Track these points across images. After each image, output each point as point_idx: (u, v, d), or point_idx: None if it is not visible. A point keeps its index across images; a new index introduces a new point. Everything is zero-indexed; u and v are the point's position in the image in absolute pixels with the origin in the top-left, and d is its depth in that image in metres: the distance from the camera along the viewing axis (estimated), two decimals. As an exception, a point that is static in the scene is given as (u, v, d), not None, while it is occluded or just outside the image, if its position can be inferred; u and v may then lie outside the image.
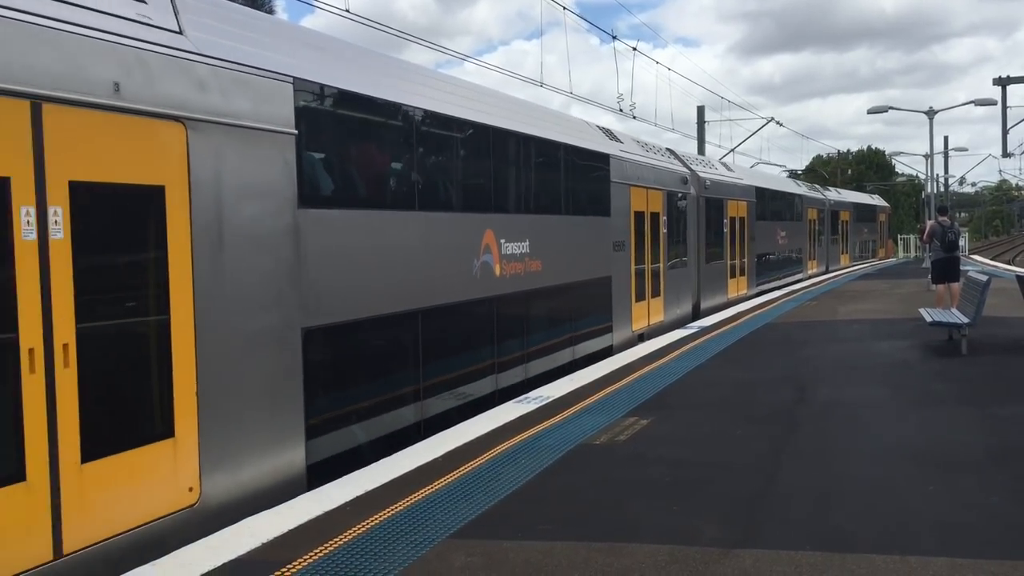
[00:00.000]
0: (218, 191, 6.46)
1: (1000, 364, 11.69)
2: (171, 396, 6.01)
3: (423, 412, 9.20)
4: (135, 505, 5.68)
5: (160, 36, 6.09)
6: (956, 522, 5.66)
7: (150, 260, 5.94)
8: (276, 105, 7.10)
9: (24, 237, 5.04)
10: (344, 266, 7.88)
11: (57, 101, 5.24)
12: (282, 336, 7.07)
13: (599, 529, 5.69)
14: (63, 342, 5.23)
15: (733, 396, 10.03)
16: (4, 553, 4.86)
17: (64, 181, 5.29)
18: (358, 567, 5.12)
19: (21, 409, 5.00)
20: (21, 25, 5.07)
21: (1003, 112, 30.48)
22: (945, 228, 17.65)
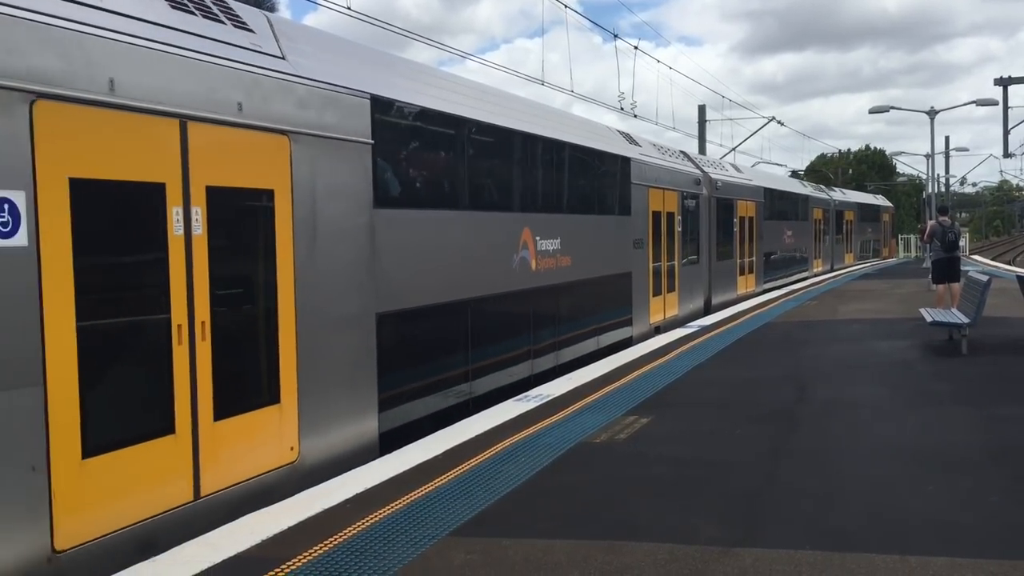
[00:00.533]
0: (312, 193, 7.51)
1: (1000, 364, 11.69)
2: (278, 368, 7.09)
3: (471, 391, 10.28)
4: (252, 459, 6.73)
5: (268, 62, 7.18)
6: (956, 522, 5.66)
7: (265, 252, 7.04)
8: (357, 119, 8.18)
9: (175, 233, 6.14)
10: (409, 259, 8.99)
11: (198, 119, 6.29)
12: (361, 320, 8.17)
13: (599, 527, 5.69)
14: (201, 320, 6.31)
15: (733, 395, 10.03)
16: (158, 493, 5.92)
17: (203, 186, 6.37)
18: (358, 564, 5.12)
19: (171, 374, 6.07)
20: (174, 57, 6.14)
21: (1004, 112, 30.46)
22: (945, 228, 17.65)
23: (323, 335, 7.58)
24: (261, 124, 6.93)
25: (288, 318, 7.18)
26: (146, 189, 5.97)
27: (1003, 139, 31.33)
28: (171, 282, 6.07)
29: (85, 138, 5.50)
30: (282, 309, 7.13)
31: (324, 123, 7.69)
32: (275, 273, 7.07)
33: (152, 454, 5.89)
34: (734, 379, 11.04)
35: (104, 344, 5.62)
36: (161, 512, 5.90)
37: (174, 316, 6.09)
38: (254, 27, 7.35)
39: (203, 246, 6.33)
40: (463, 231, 10.17)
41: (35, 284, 5.16)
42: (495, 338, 10.95)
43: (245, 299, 6.86)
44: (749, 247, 25.32)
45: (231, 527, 5.83)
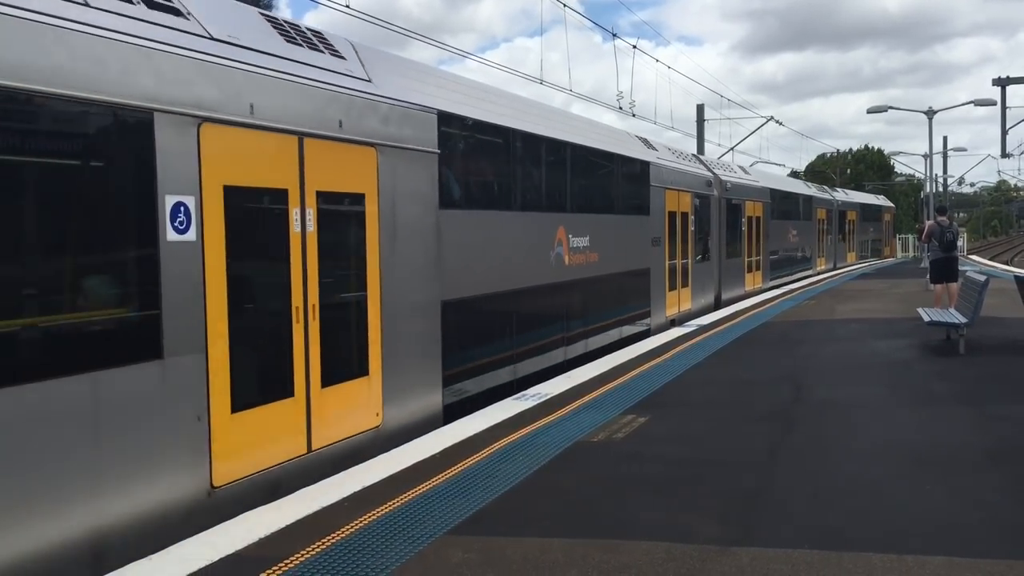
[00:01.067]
0: (393, 197, 8.71)
1: (998, 364, 11.70)
2: (367, 346, 8.31)
3: (516, 373, 11.47)
4: (348, 422, 7.96)
5: (359, 84, 8.38)
6: (953, 521, 5.67)
7: (357, 247, 8.24)
8: (426, 131, 9.38)
9: (295, 230, 7.35)
10: (466, 253, 10.19)
11: (311, 136, 7.51)
12: (429, 307, 9.42)
13: (596, 526, 5.70)
14: (312, 303, 7.49)
15: (730, 395, 10.04)
16: (281, 445, 7.10)
17: (314, 191, 7.57)
18: (356, 563, 5.12)
19: (292, 348, 7.29)
20: (293, 84, 7.36)
21: (1002, 112, 30.49)
22: (944, 228, 17.65)
23: (401, 319, 8.83)
24: (355, 138, 8.17)
25: (375, 303, 8.46)
26: (275, 194, 7.21)
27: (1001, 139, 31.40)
28: (292, 271, 7.33)
29: (233, 153, 6.72)
30: (370, 295, 8.40)
31: (402, 136, 8.93)
32: (365, 264, 8.34)
33: (278, 413, 7.13)
34: (731, 379, 11.05)
35: (246, 320, 6.79)
36: (283, 461, 7.11)
37: (294, 300, 7.35)
38: (345, 54, 8.61)
39: (314, 242, 7.57)
40: (509, 229, 11.46)
41: (200, 271, 6.35)
42: (535, 326, 12.14)
43: (343, 286, 8.07)
44: (756, 246, 26.33)
45: (230, 524, 5.83)
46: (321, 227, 7.62)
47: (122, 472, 5.72)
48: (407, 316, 8.94)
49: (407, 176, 8.98)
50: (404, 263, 8.90)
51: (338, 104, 7.95)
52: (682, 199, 19.12)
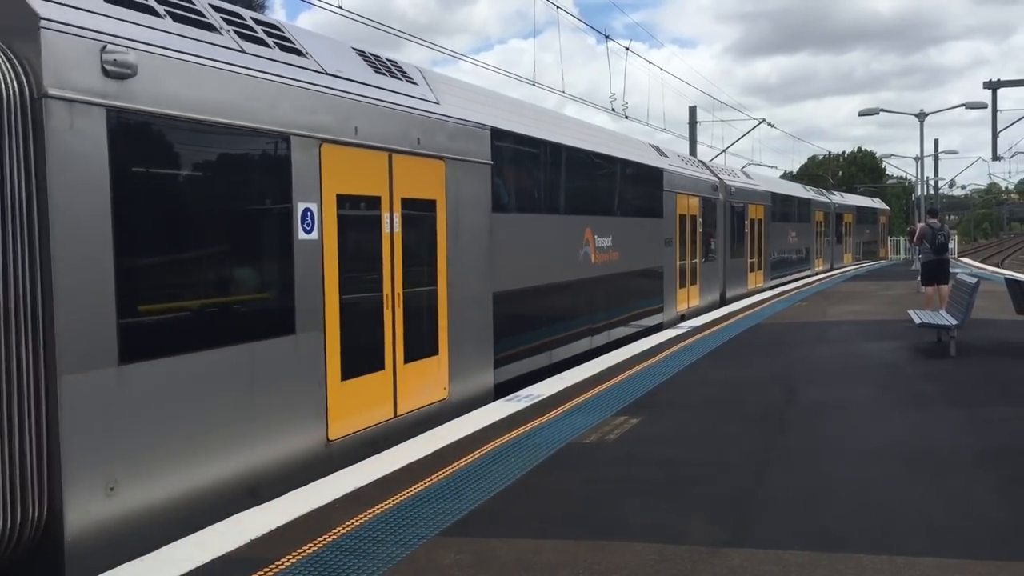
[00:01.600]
0: (457, 202, 10.13)
1: (988, 366, 11.74)
2: (437, 329, 9.79)
3: (551, 358, 12.87)
4: (423, 394, 9.44)
5: (430, 107, 9.81)
6: (943, 522, 5.69)
7: (429, 245, 9.65)
8: (481, 145, 10.79)
9: (386, 231, 8.83)
10: (512, 251, 11.58)
11: (397, 152, 8.96)
12: (484, 297, 10.85)
13: (588, 527, 5.70)
14: (397, 292, 8.97)
15: (722, 396, 10.05)
16: (375, 410, 8.58)
17: (399, 198, 9.05)
18: (346, 564, 5.11)
19: (383, 329, 8.76)
20: (384, 109, 8.82)
21: (993, 115, 30.60)
22: (935, 230, 17.71)
23: (462, 307, 10.24)
24: (429, 153, 9.59)
25: (443, 293, 9.89)
26: (371, 200, 8.64)
27: (992, 142, 31.49)
28: (383, 265, 8.81)
29: (343, 167, 8.15)
30: (440, 286, 9.84)
31: (463, 149, 10.33)
32: (435, 260, 9.77)
33: (373, 383, 8.61)
34: (724, 380, 11.06)
35: (351, 305, 8.21)
36: (376, 423, 8.59)
37: (384, 289, 8.81)
38: (417, 80, 10.03)
39: (399, 240, 9.03)
40: (547, 230, 12.89)
41: (320, 265, 7.81)
42: (566, 317, 13.57)
43: (420, 279, 9.48)
44: (758, 246, 27.81)
45: (220, 527, 5.81)
46: (404, 228, 9.13)
47: (269, 424, 7.16)
48: (467, 305, 10.41)
49: (467, 184, 10.44)
50: (465, 259, 10.37)
51: (416, 124, 9.41)
52: (691, 203, 20.56)
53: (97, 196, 5.73)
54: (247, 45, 7.27)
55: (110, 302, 5.81)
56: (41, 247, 5.44)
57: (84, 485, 5.57)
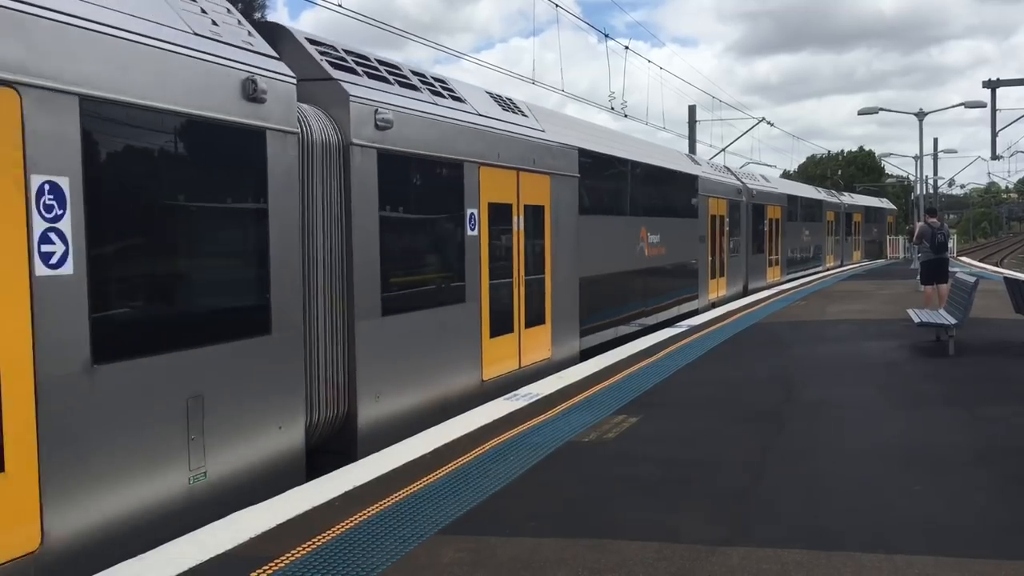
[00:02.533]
0: (557, 207, 13.11)
1: (986, 365, 11.75)
2: (544, 305, 12.72)
3: (616, 333, 15.81)
4: (535, 353, 12.43)
5: (538, 134, 12.70)
6: (941, 521, 5.70)
7: (540, 240, 12.64)
8: (572, 162, 13.79)
9: (516, 229, 11.76)
10: (592, 245, 14.55)
11: (522, 170, 11.92)
12: (573, 281, 13.79)
13: (586, 526, 5.70)
14: (520, 275, 11.93)
15: (721, 395, 10.06)
16: (509, 361, 11.59)
17: (523, 204, 11.97)
18: (346, 562, 5.11)
19: (513, 302, 11.70)
20: (513, 138, 11.76)
21: (992, 115, 30.60)
22: (934, 230, 17.72)
23: (560, 289, 13.27)
24: (539, 170, 12.48)
25: (548, 277, 12.88)
26: (507, 207, 11.60)
27: (991, 141, 31.50)
28: (514, 255, 11.86)
29: (491, 183, 11.08)
30: (546, 272, 12.84)
31: (560, 166, 13.30)
32: (544, 252, 12.77)
33: (507, 341, 11.62)
34: (722, 379, 11.07)
35: (495, 285, 11.24)
36: (508, 372, 11.60)
37: (513, 273, 11.78)
38: (527, 113, 13.02)
39: (523, 237, 12.03)
40: (615, 228, 15.97)
41: (479, 254, 10.80)
42: (627, 299, 16.58)
43: (534, 266, 12.44)
44: (776, 244, 30.63)
45: (220, 524, 5.82)
46: (525, 228, 12.10)
47: (452, 365, 10.26)
48: (563, 287, 13.39)
49: (563, 193, 13.40)
50: (562, 251, 13.35)
51: (532, 148, 12.36)
52: (720, 205, 23.45)
53: (371, 204, 8.72)
54: (434, 99, 10.28)
55: (377, 276, 8.79)
56: (345, 235, 8.43)
57: (365, 394, 8.60)
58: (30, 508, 5.16)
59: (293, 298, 7.50)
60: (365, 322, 8.55)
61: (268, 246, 7.20)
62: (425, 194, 9.94)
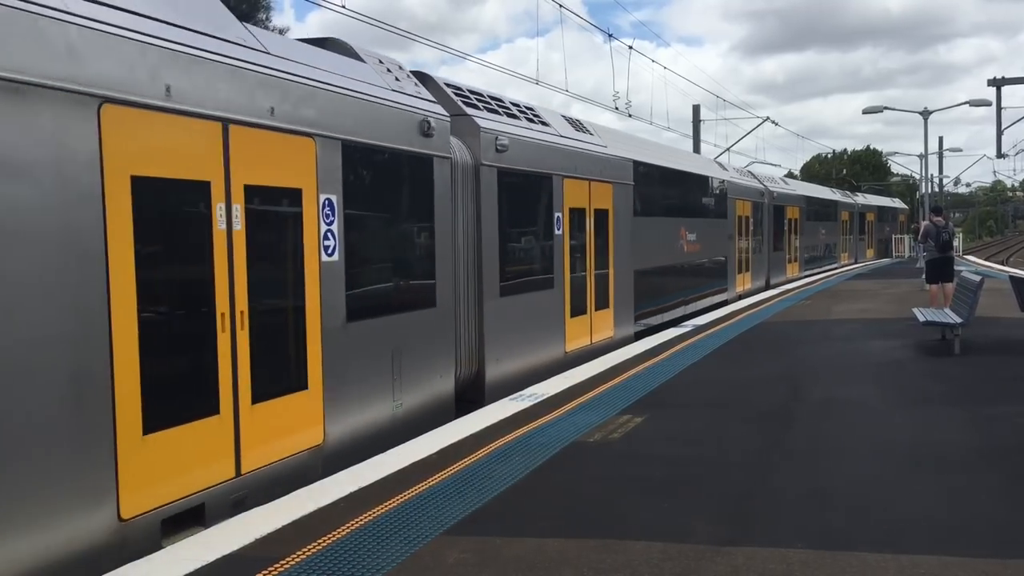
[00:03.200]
0: (618, 211, 15.60)
1: (992, 364, 11.73)
2: (608, 292, 15.19)
3: (662, 318, 18.23)
4: (602, 332, 14.77)
5: (602, 149, 15.24)
6: (947, 521, 5.69)
7: (606, 238, 15.02)
8: (628, 172, 16.24)
9: (588, 230, 14.26)
10: (643, 242, 16.98)
11: (592, 180, 14.37)
12: (630, 272, 16.21)
13: (592, 526, 5.71)
14: (591, 268, 14.33)
15: (727, 394, 10.06)
16: (582, 338, 13.96)
17: (593, 209, 14.38)
18: (351, 563, 5.13)
19: (586, 289, 14.19)
20: (592, 155, 14.57)
21: (998, 113, 30.58)
22: (939, 228, 17.70)
23: (620, 279, 15.80)
24: (604, 179, 15.08)
25: (611, 270, 15.41)
26: (582, 211, 14.11)
27: (996, 139, 31.43)
28: (587, 251, 14.24)
29: (571, 191, 13.53)
30: (609, 264, 15.34)
31: (619, 175, 15.84)
32: (608, 248, 15.25)
33: (581, 322, 13.95)
34: (727, 379, 11.07)
35: (573, 275, 13.65)
36: (582, 347, 13.90)
37: (587, 267, 14.30)
38: (592, 131, 15.56)
39: (592, 236, 14.53)
40: (661, 228, 18.59)
41: (563, 250, 13.23)
42: (671, 289, 19.17)
43: (601, 260, 14.95)
44: (794, 242, 33.26)
45: (226, 525, 5.84)
46: (595, 228, 14.65)
47: (544, 338, 12.66)
48: (622, 278, 15.90)
49: (622, 198, 15.89)
50: (622, 247, 15.84)
51: (599, 161, 14.94)
52: (745, 206, 26.04)
53: (493, 211, 11.28)
54: (530, 125, 12.70)
55: (496, 267, 11.38)
56: (476, 234, 10.99)
57: (490, 358, 11.23)
58: (318, 415, 7.73)
59: (448, 281, 10.17)
60: (490, 302, 11.26)
61: (434, 242, 9.86)
62: (528, 202, 12.54)
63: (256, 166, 6.95)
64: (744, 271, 25.92)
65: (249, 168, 6.86)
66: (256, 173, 6.96)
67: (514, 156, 11.76)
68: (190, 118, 6.25)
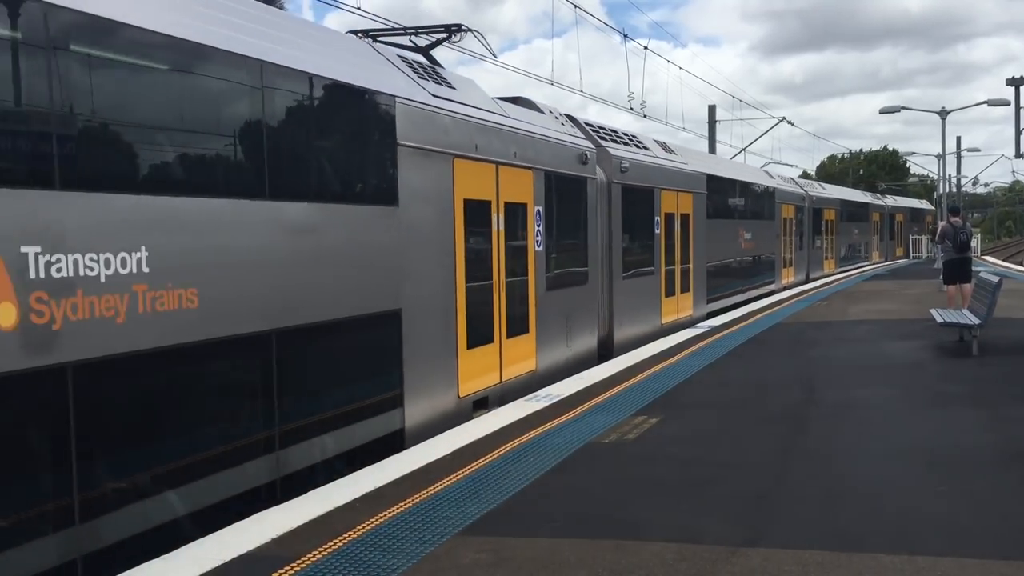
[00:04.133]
0: (696, 215, 19.56)
1: (1011, 365, 11.64)
2: (690, 279, 19.33)
3: (726, 303, 22.01)
4: (684, 311, 18.89)
5: (684, 166, 19.38)
6: (964, 523, 5.66)
7: (689, 236, 19.13)
8: (702, 183, 20.19)
9: (676, 231, 18.44)
10: (713, 241, 20.79)
11: (679, 191, 18.53)
12: (704, 266, 20.15)
13: (606, 527, 5.71)
14: (677, 261, 18.45)
15: (742, 396, 10.03)
16: (685, 312, 19.03)
17: (680, 213, 18.61)
18: (367, 562, 5.15)
19: (675, 276, 18.40)
20: (680, 172, 19.08)
21: (1016, 112, 30.31)
22: (957, 229, 17.54)
23: (698, 268, 19.57)
24: (687, 190, 18.80)
25: (692, 261, 19.10)
26: (672, 215, 17.93)
27: (1015, 139, 31.17)
28: (676, 248, 18.21)
29: (666, 200, 17.61)
30: (690, 258, 18.98)
31: (697, 186, 19.64)
32: (689, 244, 18.97)
33: (671, 301, 18.00)
34: (743, 380, 11.03)
35: (666, 266, 17.65)
36: (673, 320, 17.90)
37: (676, 260, 18.18)
38: (677, 152, 19.46)
39: (678, 235, 18.33)
40: (726, 229, 22.60)
41: (660, 246, 17.42)
42: (730, 280, 23.07)
43: (685, 254, 18.66)
44: (831, 241, 37.06)
45: (242, 525, 5.87)
46: (681, 229, 18.44)
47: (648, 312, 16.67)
48: (699, 268, 19.76)
49: (699, 205, 19.75)
50: (699, 243, 19.68)
51: (683, 176, 18.85)
52: (788, 209, 29.90)
53: (618, 216, 15.09)
54: (637, 150, 16.66)
55: (620, 255, 15.22)
56: (608, 232, 14.82)
57: (616, 325, 14.92)
58: (533, 352, 11.70)
59: (593, 266, 14.04)
60: (617, 282, 15.13)
61: (587, 238, 13.82)
62: (638, 210, 16.28)
63: (509, 189, 11.12)
64: (788, 266, 29.94)
65: (507, 191, 11.04)
66: (510, 194, 11.13)
67: (631, 175, 15.73)
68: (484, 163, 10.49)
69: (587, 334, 13.64)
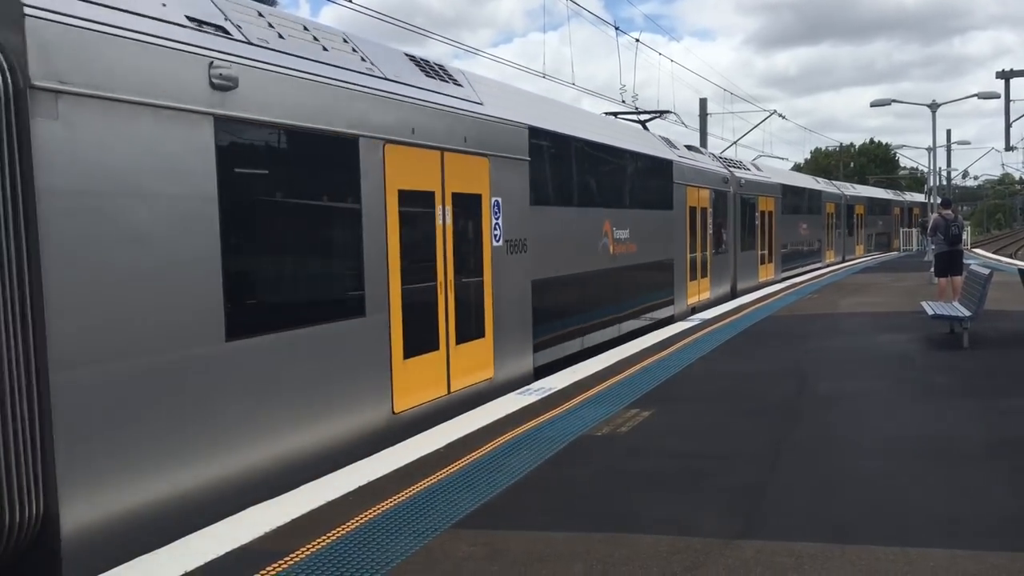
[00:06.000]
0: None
1: (1001, 357, 11.70)
2: (774, 257, 28.47)
3: (791, 273, 30.37)
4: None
5: (768, 178, 28.40)
6: (956, 514, 5.69)
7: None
8: (779, 191, 29.01)
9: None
10: (784, 230, 30.39)
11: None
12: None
13: (600, 520, 5.72)
14: (770, 245, 28.28)
15: (734, 388, 10.05)
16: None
17: (767, 212, 27.60)
18: (361, 556, 5.15)
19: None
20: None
21: (1006, 105, 30.43)
22: (948, 221, 17.60)
23: (744, 260, 24.80)
24: (770, 195, 27.60)
25: (775, 244, 28.38)
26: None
27: (1005, 132, 31.31)
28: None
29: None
30: (774, 242, 28.30)
31: (775, 193, 28.05)
32: (772, 232, 27.78)
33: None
34: (735, 372, 11.06)
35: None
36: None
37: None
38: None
39: (768, 227, 27.50)
40: (792, 222, 30.73)
41: (757, 233, 26.41)
42: (795, 257, 30.19)
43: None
44: (860, 232, 46.12)
45: (236, 519, 5.86)
46: (768, 222, 26.71)
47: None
48: (777, 249, 27.27)
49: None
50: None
51: (768, 186, 27.10)
52: (831, 206, 38.38)
53: (738, 216, 24.46)
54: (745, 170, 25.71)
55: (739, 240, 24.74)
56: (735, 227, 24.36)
57: (737, 279, 24.31)
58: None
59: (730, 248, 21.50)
60: (738, 255, 22.19)
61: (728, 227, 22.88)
62: (748, 212, 23.88)
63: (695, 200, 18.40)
64: (829, 249, 38.56)
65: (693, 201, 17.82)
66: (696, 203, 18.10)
67: (744, 188, 23.67)
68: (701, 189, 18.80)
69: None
